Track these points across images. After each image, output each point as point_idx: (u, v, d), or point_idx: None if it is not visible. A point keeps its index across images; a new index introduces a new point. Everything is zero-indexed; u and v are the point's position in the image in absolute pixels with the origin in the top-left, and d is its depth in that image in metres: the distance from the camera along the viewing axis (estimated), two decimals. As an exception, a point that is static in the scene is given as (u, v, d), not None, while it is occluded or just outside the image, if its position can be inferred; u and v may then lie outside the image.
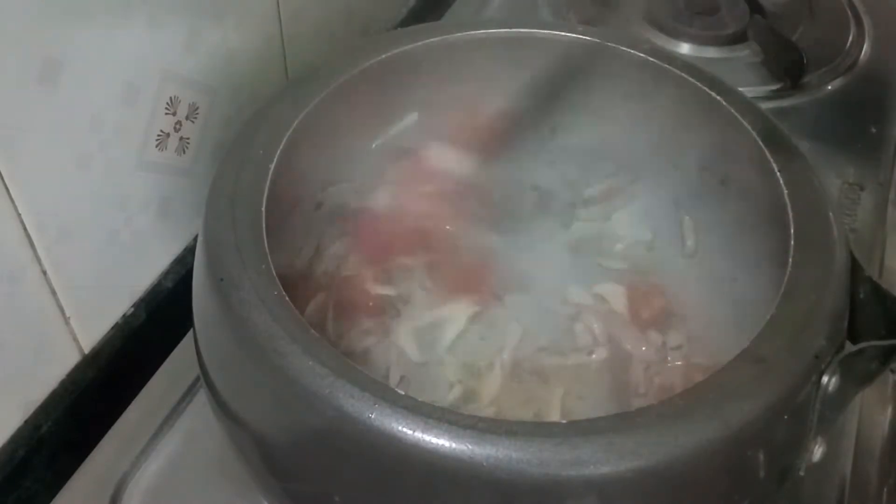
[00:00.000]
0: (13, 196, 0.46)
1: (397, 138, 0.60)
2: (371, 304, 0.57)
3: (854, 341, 0.44)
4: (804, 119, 0.75)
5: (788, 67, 0.77)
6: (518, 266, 0.58)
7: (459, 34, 0.58)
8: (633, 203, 0.63)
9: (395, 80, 0.58)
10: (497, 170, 0.62)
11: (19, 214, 0.47)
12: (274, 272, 0.43)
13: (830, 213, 0.47)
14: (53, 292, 0.51)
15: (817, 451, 0.43)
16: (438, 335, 0.56)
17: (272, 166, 0.48)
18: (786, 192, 0.48)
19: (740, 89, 0.55)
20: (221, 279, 0.43)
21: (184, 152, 0.57)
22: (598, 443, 0.37)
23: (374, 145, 0.61)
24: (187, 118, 0.57)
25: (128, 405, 0.56)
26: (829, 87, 0.78)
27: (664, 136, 0.60)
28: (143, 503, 0.51)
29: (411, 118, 0.60)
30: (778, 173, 0.49)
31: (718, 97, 0.53)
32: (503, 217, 0.61)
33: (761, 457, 0.40)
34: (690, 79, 0.55)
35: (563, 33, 0.59)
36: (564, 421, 0.38)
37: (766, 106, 0.55)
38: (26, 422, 0.52)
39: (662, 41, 0.80)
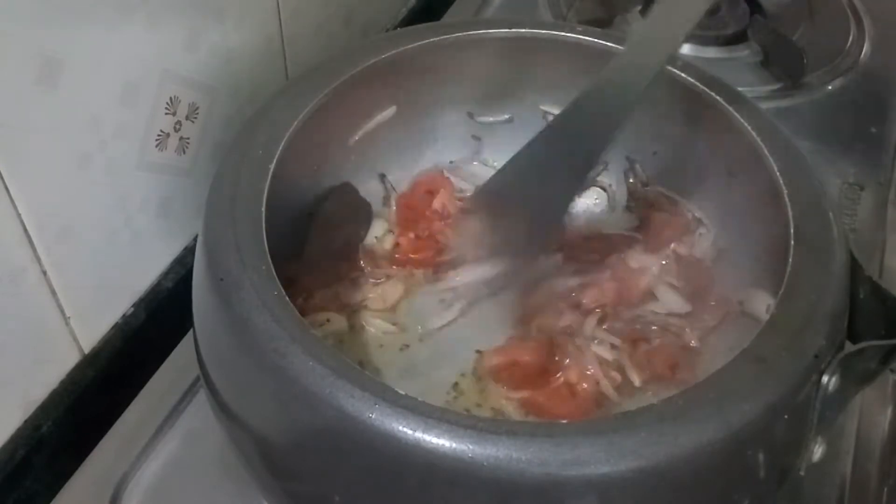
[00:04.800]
0: (13, 196, 0.46)
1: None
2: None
3: (854, 341, 0.44)
4: (804, 119, 0.75)
5: (788, 67, 0.77)
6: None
7: (459, 34, 0.58)
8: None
9: (394, 80, 0.58)
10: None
11: (19, 214, 0.47)
12: (274, 272, 0.43)
13: (830, 213, 0.47)
14: (53, 292, 0.51)
15: (817, 451, 0.43)
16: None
17: (272, 166, 0.48)
18: (785, 192, 0.48)
19: (740, 89, 0.55)
20: (221, 279, 0.43)
21: (184, 152, 0.58)
22: (598, 443, 0.37)
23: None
24: (187, 118, 0.57)
25: (128, 405, 0.56)
26: (829, 87, 0.78)
27: (664, 137, 0.60)
28: (143, 503, 0.51)
29: (389, 112, 0.60)
30: (778, 173, 0.49)
31: (718, 97, 0.53)
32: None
33: (761, 457, 0.40)
34: (690, 79, 0.55)
35: (562, 33, 0.59)
36: (564, 421, 0.38)
37: (766, 106, 0.56)
38: (26, 422, 0.52)
39: (662, 41, 0.80)
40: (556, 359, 0.55)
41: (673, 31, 0.51)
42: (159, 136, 0.55)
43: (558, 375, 0.54)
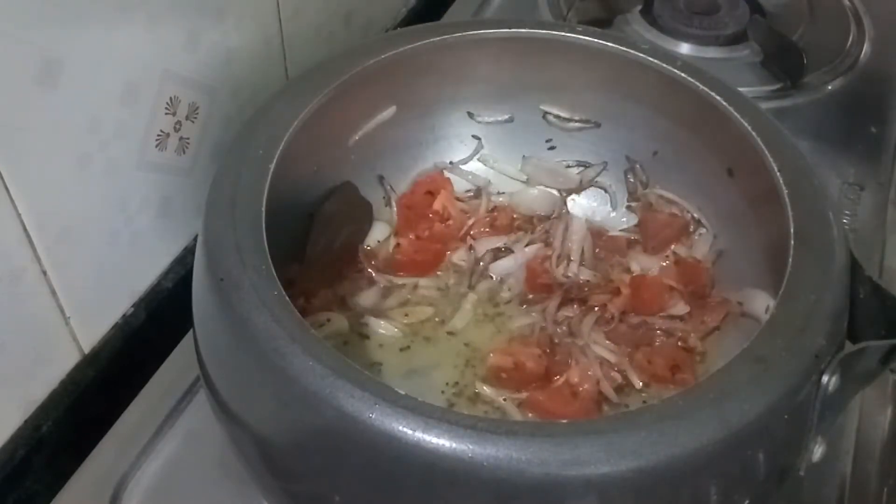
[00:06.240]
0: (13, 196, 0.46)
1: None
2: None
3: (854, 341, 0.44)
4: (804, 119, 0.75)
5: (788, 67, 0.77)
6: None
7: (459, 34, 0.58)
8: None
9: (394, 80, 0.58)
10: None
11: (19, 214, 0.47)
12: (274, 272, 0.43)
13: (830, 213, 0.47)
14: (53, 292, 0.51)
15: (817, 451, 0.43)
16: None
17: (272, 166, 0.48)
18: (785, 192, 0.48)
19: (740, 89, 0.55)
20: (221, 279, 0.43)
21: (184, 152, 0.58)
22: (598, 443, 0.37)
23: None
24: (187, 118, 0.57)
25: (128, 405, 0.56)
26: (829, 87, 0.78)
27: (664, 137, 0.60)
28: (143, 503, 0.51)
29: (389, 112, 0.60)
30: (778, 173, 0.49)
31: (718, 97, 0.53)
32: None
33: (761, 457, 0.40)
34: (690, 79, 0.55)
35: (562, 33, 0.59)
36: (565, 421, 0.38)
37: (766, 106, 0.55)
38: (26, 422, 0.52)
39: (662, 41, 0.80)
40: (557, 359, 0.55)
41: None
42: (159, 136, 0.55)
43: (559, 376, 0.54)
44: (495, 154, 0.65)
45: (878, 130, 0.74)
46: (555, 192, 0.64)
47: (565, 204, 0.64)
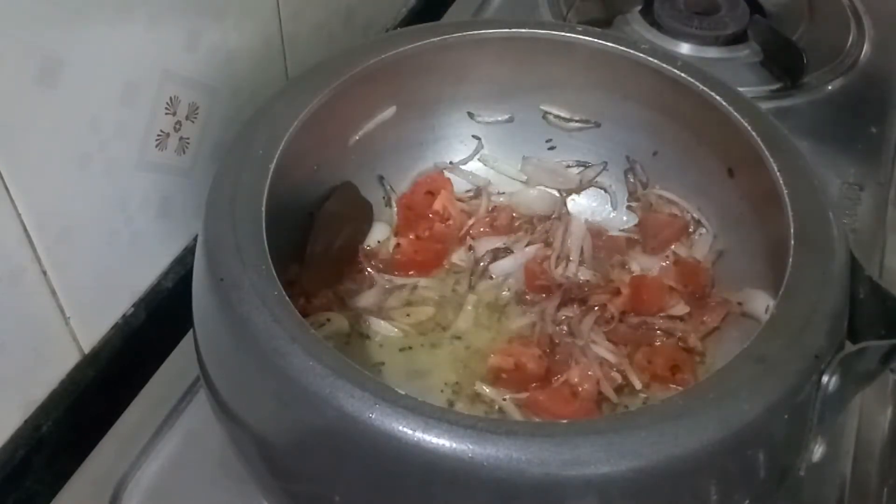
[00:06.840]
0: (13, 196, 0.46)
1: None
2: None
3: (854, 341, 0.44)
4: (804, 119, 0.75)
5: (788, 67, 0.77)
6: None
7: (459, 34, 0.58)
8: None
9: (394, 80, 0.58)
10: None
11: (19, 214, 0.47)
12: (274, 272, 0.43)
13: (830, 213, 0.47)
14: (53, 292, 0.51)
15: (817, 451, 0.43)
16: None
17: (272, 166, 0.48)
18: (785, 192, 0.48)
19: (740, 89, 0.55)
20: (221, 279, 0.43)
21: (184, 152, 0.58)
22: (598, 443, 0.37)
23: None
24: (187, 118, 0.57)
25: (128, 405, 0.56)
26: (829, 87, 0.78)
27: (664, 137, 0.60)
28: (143, 503, 0.51)
29: (389, 112, 0.60)
30: (778, 173, 0.49)
31: (718, 97, 0.53)
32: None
33: (761, 457, 0.40)
34: (690, 79, 0.55)
35: (562, 33, 0.59)
36: (565, 421, 0.38)
37: (766, 106, 0.56)
38: (26, 422, 0.52)
39: (662, 41, 0.80)
40: (557, 359, 0.55)
41: None
42: (159, 136, 0.55)
43: (559, 376, 0.54)
44: (495, 154, 0.65)
45: (878, 130, 0.74)
46: (555, 192, 0.64)
47: (565, 204, 0.64)
